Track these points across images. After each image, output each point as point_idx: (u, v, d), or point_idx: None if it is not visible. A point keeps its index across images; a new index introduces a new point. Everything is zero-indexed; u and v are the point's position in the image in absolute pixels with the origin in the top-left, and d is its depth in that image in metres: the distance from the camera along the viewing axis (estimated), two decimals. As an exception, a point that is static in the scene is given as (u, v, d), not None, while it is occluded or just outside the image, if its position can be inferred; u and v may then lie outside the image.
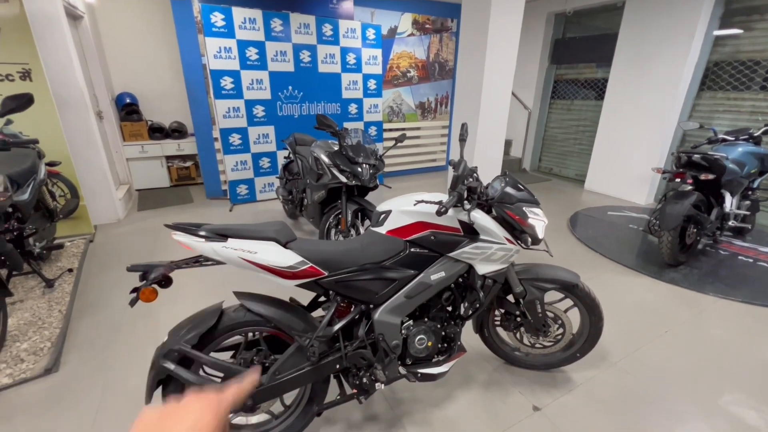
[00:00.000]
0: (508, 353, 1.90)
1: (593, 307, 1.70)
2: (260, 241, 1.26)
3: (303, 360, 1.36)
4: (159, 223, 3.82)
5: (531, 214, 1.50)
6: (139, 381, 1.79)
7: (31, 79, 2.98)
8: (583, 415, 1.66)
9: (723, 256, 3.24)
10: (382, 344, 1.42)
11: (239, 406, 0.73)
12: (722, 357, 2.04)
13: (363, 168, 2.68)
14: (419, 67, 5.74)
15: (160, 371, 1.23)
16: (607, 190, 5.13)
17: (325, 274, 1.32)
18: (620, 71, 4.75)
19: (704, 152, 2.80)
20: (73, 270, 2.81)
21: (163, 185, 5.12)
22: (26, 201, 2.40)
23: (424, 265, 1.45)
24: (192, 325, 1.27)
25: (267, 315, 1.31)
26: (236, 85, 4.07)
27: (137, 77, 4.88)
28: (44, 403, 1.67)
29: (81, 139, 3.47)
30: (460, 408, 1.68)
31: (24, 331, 2.13)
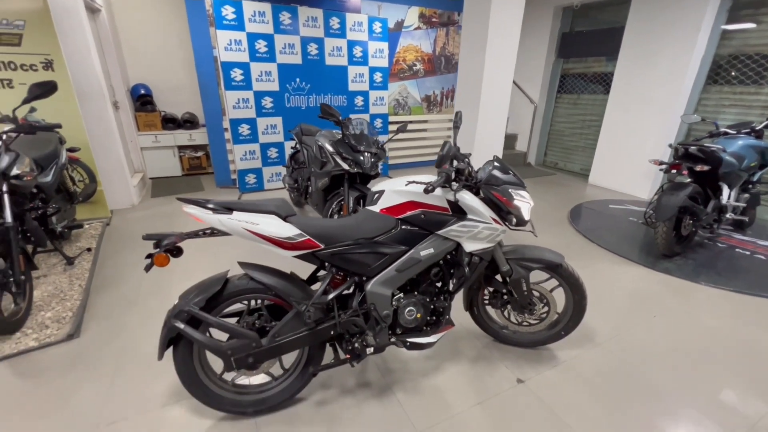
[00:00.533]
0: (497, 331, 2.00)
1: (577, 287, 1.79)
2: (262, 214, 1.39)
3: (300, 325, 1.48)
4: (171, 209, 3.99)
5: (517, 196, 1.59)
6: (152, 348, 1.94)
7: (53, 69, 3.15)
8: (564, 388, 1.76)
9: (720, 248, 3.27)
10: (373, 314, 1.53)
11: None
12: (707, 340, 2.10)
13: (365, 156, 2.79)
14: (425, 60, 5.80)
15: (171, 330, 1.36)
16: (610, 184, 5.15)
17: (322, 246, 1.44)
18: (626, 65, 4.75)
19: (700, 144, 2.83)
20: (92, 250, 2.98)
21: (175, 174, 5.30)
22: (49, 183, 2.57)
23: (414, 241, 1.56)
24: (200, 290, 1.40)
25: (268, 283, 1.44)
26: (246, 77, 4.20)
27: (152, 69, 5.06)
28: (67, 364, 1.83)
29: (99, 128, 3.65)
30: (447, 378, 1.79)
31: (48, 301, 2.30)
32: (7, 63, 3.01)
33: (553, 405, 1.66)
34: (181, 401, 1.62)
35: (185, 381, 1.46)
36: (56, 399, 1.63)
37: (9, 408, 1.59)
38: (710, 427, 1.57)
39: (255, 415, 1.56)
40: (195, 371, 1.47)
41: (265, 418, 1.56)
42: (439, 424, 1.55)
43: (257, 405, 1.54)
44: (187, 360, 1.44)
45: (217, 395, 1.50)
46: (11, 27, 2.96)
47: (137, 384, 1.72)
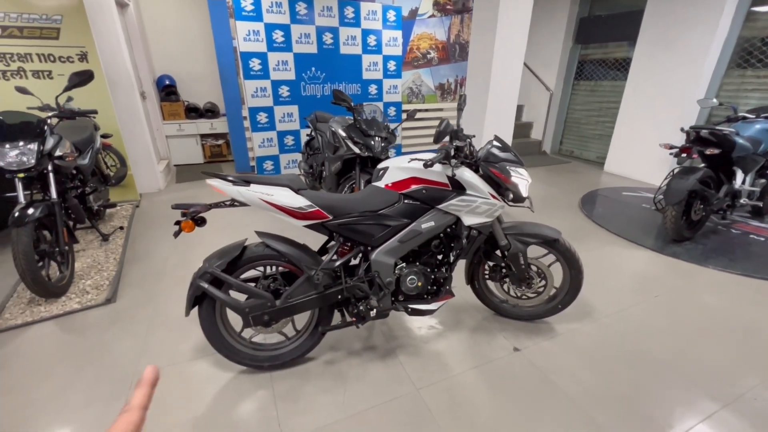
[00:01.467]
0: (497, 304, 2.10)
1: (573, 261, 1.87)
2: (276, 186, 1.53)
3: (311, 288, 1.63)
4: (195, 193, 4.23)
5: (514, 173, 1.69)
6: (179, 311, 2.14)
7: (88, 61, 3.39)
8: (559, 357, 1.85)
9: (734, 234, 3.24)
10: (377, 280, 1.67)
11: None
12: (708, 320, 2.14)
13: (375, 140, 2.91)
14: (439, 48, 5.82)
15: (196, 289, 1.54)
16: (626, 172, 5.09)
17: (330, 217, 1.58)
18: (645, 49, 4.65)
19: (712, 128, 2.81)
20: (124, 228, 3.24)
21: (198, 161, 5.56)
22: (86, 165, 2.81)
23: (416, 215, 1.68)
24: (221, 254, 1.57)
25: (282, 251, 1.59)
26: (263, 67, 4.36)
27: (175, 60, 5.29)
28: (106, 324, 2.06)
29: (128, 116, 3.90)
30: (447, 345, 1.92)
31: (87, 272, 2.55)
32: (47, 55, 3.26)
33: (547, 371, 1.76)
34: (206, 356, 1.81)
35: (209, 336, 1.64)
36: (98, 351, 1.85)
37: (59, 357, 1.82)
38: (698, 395, 1.64)
39: (270, 369, 1.73)
40: (217, 327, 1.64)
41: (279, 372, 1.73)
42: (437, 384, 1.68)
43: (272, 360, 1.71)
44: (210, 317, 1.62)
45: (236, 350, 1.68)
46: (50, 21, 3.20)
47: (167, 341, 1.93)
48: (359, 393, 1.63)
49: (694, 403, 1.60)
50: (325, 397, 1.61)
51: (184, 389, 1.65)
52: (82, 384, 1.66)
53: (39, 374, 1.72)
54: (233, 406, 1.57)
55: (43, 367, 1.76)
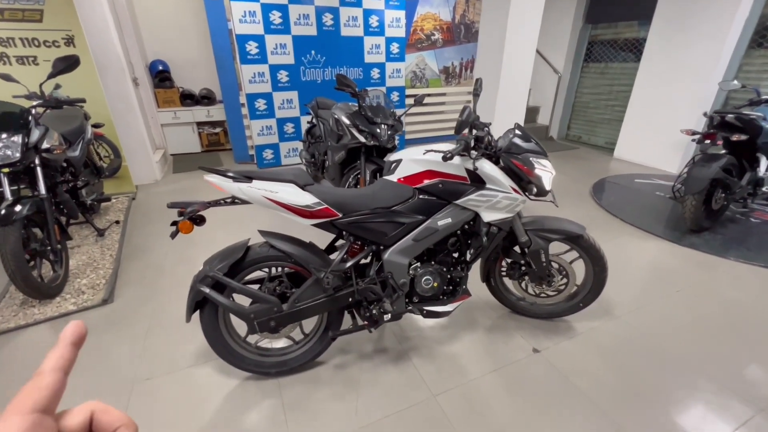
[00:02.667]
0: (514, 302, 2.00)
1: (597, 258, 1.76)
2: (281, 182, 1.40)
3: (319, 291, 1.52)
4: (193, 184, 4.09)
5: (538, 165, 1.55)
6: (180, 312, 2.04)
7: (74, 45, 3.19)
8: (580, 358, 1.76)
9: (753, 224, 3.12)
10: (390, 282, 1.56)
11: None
12: (731, 316, 2.05)
13: (381, 128, 2.75)
14: (444, 29, 5.58)
15: (197, 294, 1.43)
16: (637, 158, 4.94)
17: (340, 215, 1.45)
18: (660, 29, 4.43)
19: (738, 112, 2.65)
20: (120, 222, 3.11)
21: (195, 150, 5.39)
22: (77, 157, 2.66)
23: (431, 211, 1.55)
24: (223, 256, 1.45)
25: (288, 251, 1.47)
26: (261, 50, 4.16)
27: (168, 45, 5.06)
28: (104, 326, 1.96)
29: (120, 104, 3.72)
30: (463, 346, 1.82)
31: (82, 270, 2.44)
32: (30, 40, 3.07)
33: (569, 373, 1.67)
34: (209, 362, 1.72)
35: (212, 342, 1.54)
36: (95, 357, 1.76)
37: (54, 364, 1.72)
38: (729, 399, 1.55)
39: (277, 375, 1.64)
40: (221, 333, 1.54)
41: (287, 378, 1.64)
42: (455, 389, 1.59)
43: (279, 366, 1.62)
44: (213, 322, 1.51)
45: (242, 356, 1.58)
46: (32, 2, 2.99)
47: (168, 345, 1.83)
48: (373, 400, 1.54)
49: (726, 408, 1.51)
50: (337, 404, 1.52)
51: (187, 397, 1.56)
52: (79, 391, 1.57)
53: (33, 383, 1.62)
54: (240, 416, 1.48)
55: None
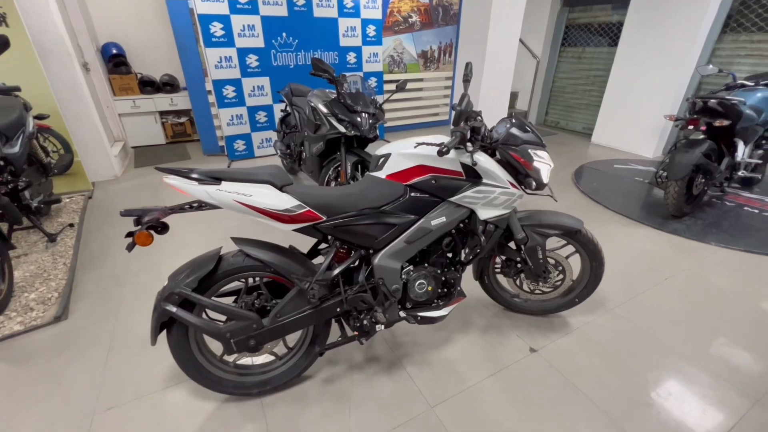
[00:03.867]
0: (508, 300, 1.92)
1: (595, 253, 1.69)
2: (255, 183, 1.22)
3: (304, 303, 1.37)
4: (157, 179, 3.77)
5: (536, 157, 1.44)
6: (145, 328, 1.84)
7: (7, 25, 2.79)
8: (578, 356, 1.71)
9: (728, 207, 3.19)
10: (382, 288, 1.42)
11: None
12: (719, 303, 2.06)
13: (362, 117, 2.58)
14: (422, 11, 5.36)
15: (162, 314, 1.24)
16: (614, 144, 4.99)
17: (323, 218, 1.29)
18: (637, 13, 4.42)
19: (721, 97, 2.65)
20: (74, 225, 2.81)
21: (159, 142, 5.00)
22: (17, 154, 2.33)
23: (424, 210, 1.42)
24: (190, 270, 1.26)
25: (266, 260, 1.30)
26: (227, 32, 3.83)
27: (122, 25, 4.60)
28: (57, 348, 1.73)
29: (68, 92, 3.33)
30: (458, 350, 1.73)
31: (31, 282, 2.16)
32: (-49, 17, 2.66)
33: (568, 373, 1.61)
34: (182, 383, 1.54)
35: (182, 365, 1.36)
36: (48, 384, 1.54)
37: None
38: (727, 390, 1.54)
39: (260, 395, 1.49)
40: (192, 354, 1.37)
41: (270, 397, 1.49)
42: (453, 398, 1.50)
43: (261, 386, 1.47)
44: (182, 343, 1.34)
45: (218, 377, 1.41)
46: (-50, -27, 2.57)
47: (133, 367, 1.63)
48: (366, 416, 1.42)
49: (725, 401, 1.50)
50: (328, 424, 1.40)
51: (158, 426, 1.38)
52: (30, 428, 1.36)
53: (-29, 422, 1.40)
54: (219, 445, 1.33)
55: (-24, 412, 1.44)
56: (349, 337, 1.51)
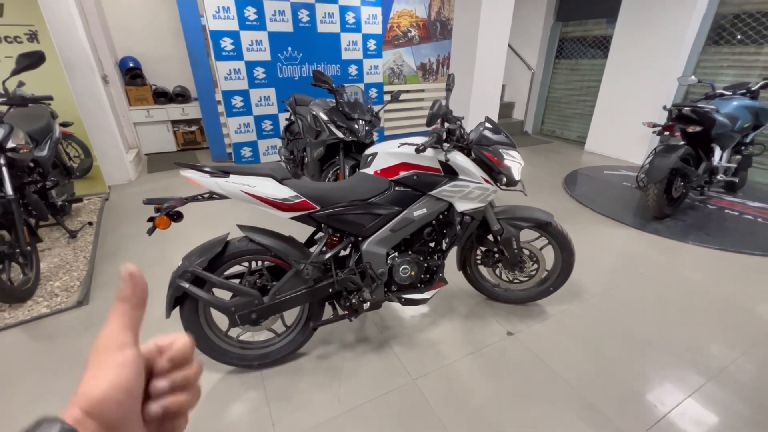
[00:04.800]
0: (489, 289, 2.09)
1: (565, 244, 1.86)
2: (258, 177, 1.42)
3: (300, 283, 1.55)
4: (169, 183, 4.01)
5: (507, 156, 1.63)
6: (159, 311, 2.01)
7: (38, 41, 3.08)
8: (552, 339, 1.86)
9: (710, 210, 3.34)
10: (369, 272, 1.60)
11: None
12: (690, 295, 2.20)
13: (359, 124, 2.79)
14: (420, 26, 5.64)
15: (176, 289, 1.44)
16: (606, 151, 5.16)
17: (318, 208, 1.49)
18: (625, 27, 4.64)
19: (694, 105, 2.83)
20: (93, 223, 3.03)
21: (171, 149, 5.27)
22: (45, 157, 2.58)
23: (407, 202, 1.61)
24: (202, 251, 1.46)
25: (268, 245, 1.49)
26: (236, 47, 4.11)
27: (139, 41, 4.92)
28: (80, 328, 1.92)
29: (90, 102, 3.60)
30: (441, 333, 1.89)
31: (55, 272, 2.37)
32: (-10, 35, 2.94)
33: (541, 353, 1.77)
34: (191, 358, 1.72)
35: (193, 337, 1.54)
36: (71, 359, 1.73)
37: (28, 367, 1.69)
38: (685, 369, 1.68)
39: (260, 368, 1.66)
40: (201, 328, 1.55)
41: (270, 370, 1.66)
42: (433, 372, 1.66)
43: (262, 359, 1.64)
44: (193, 317, 1.52)
45: (224, 349, 1.59)
46: (-9, -4, 2.86)
47: (146, 341, 1.81)
48: (354, 387, 1.59)
49: (683, 378, 1.64)
50: (320, 393, 1.56)
51: (170, 394, 1.56)
52: (56, 396, 1.55)
53: (7, 387, 1.59)
54: (224, 409, 1.50)
55: (11, 379, 1.63)
56: (340, 315, 1.68)
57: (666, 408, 1.50)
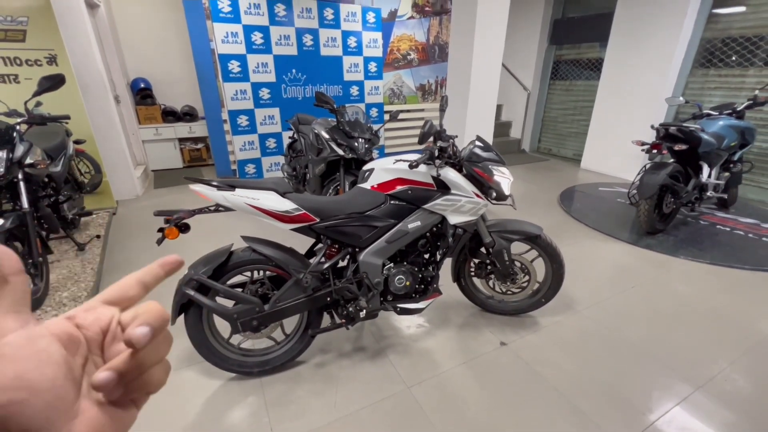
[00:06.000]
0: (483, 300, 2.15)
1: (555, 256, 1.93)
2: (262, 190, 1.52)
3: (299, 292, 1.63)
4: (174, 199, 4.13)
5: (497, 172, 1.73)
6: (164, 320, 2.09)
7: (57, 64, 3.26)
8: (544, 349, 1.91)
9: (702, 225, 3.41)
10: (366, 281, 1.68)
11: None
12: (680, 307, 2.25)
13: (359, 142, 2.92)
14: (419, 49, 5.88)
15: (182, 296, 1.51)
16: (601, 168, 5.27)
17: (317, 220, 1.58)
18: (615, 50, 4.84)
19: (679, 125, 2.95)
20: (101, 237, 3.13)
21: (177, 166, 5.43)
22: (59, 172, 2.70)
23: (402, 215, 1.70)
24: (207, 260, 1.55)
25: (269, 255, 1.58)
26: (243, 69, 4.30)
27: (150, 63, 5.15)
28: (86, 336, 1.99)
29: (102, 121, 3.77)
30: (436, 342, 1.95)
31: (63, 283, 2.45)
32: (12, 59, 3.12)
33: (533, 363, 1.81)
34: (192, 365, 1.78)
35: (196, 344, 1.61)
36: (79, 365, 1.79)
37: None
38: (674, 379, 1.72)
39: (260, 375, 1.72)
40: (204, 335, 1.62)
41: (269, 378, 1.72)
42: (428, 381, 1.71)
43: (261, 366, 1.70)
44: (197, 324, 1.59)
45: (225, 357, 1.66)
46: (15, 23, 3.06)
47: (151, 352, 1.88)
48: (351, 394, 1.64)
49: (671, 387, 1.68)
50: (317, 400, 1.61)
51: (171, 400, 1.61)
52: (63, 399, 1.60)
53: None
54: (223, 414, 1.55)
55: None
56: (337, 323, 1.75)
57: (654, 416, 1.54)
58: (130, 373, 0.24)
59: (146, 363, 0.25)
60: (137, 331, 0.23)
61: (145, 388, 0.26)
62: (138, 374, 0.25)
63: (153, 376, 0.26)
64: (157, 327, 0.24)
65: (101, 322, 0.26)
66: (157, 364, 0.26)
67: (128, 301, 0.28)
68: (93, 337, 0.26)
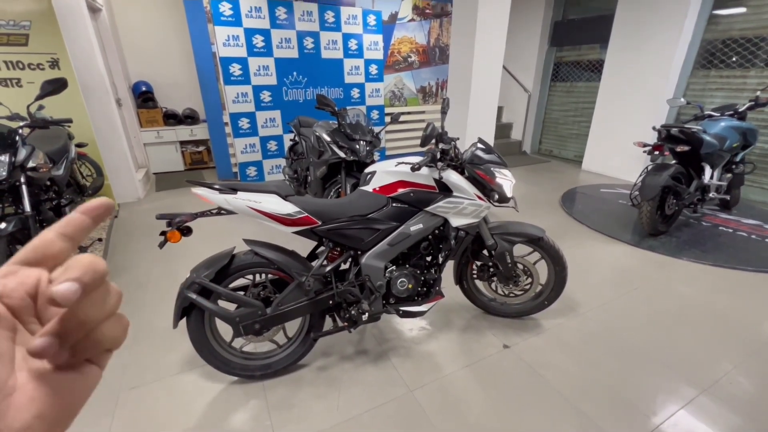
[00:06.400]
0: (486, 303, 2.14)
1: (557, 258, 1.93)
2: (264, 193, 1.52)
3: (301, 295, 1.63)
4: (176, 202, 4.14)
5: (499, 174, 1.73)
6: (165, 323, 2.09)
7: (59, 68, 3.27)
8: (547, 352, 1.90)
9: (704, 227, 3.40)
10: (368, 284, 1.68)
11: None
12: (683, 309, 2.24)
13: (360, 144, 2.92)
14: (420, 51, 5.89)
15: (184, 300, 1.51)
16: (603, 170, 5.26)
17: (319, 223, 1.58)
18: (616, 52, 4.84)
19: (681, 126, 2.95)
20: (102, 240, 3.13)
21: (178, 169, 5.44)
22: (61, 176, 2.70)
23: (404, 218, 1.70)
24: (209, 264, 1.55)
25: (271, 258, 1.58)
26: (244, 72, 4.32)
27: (152, 66, 5.17)
28: (88, 340, 1.99)
29: (104, 124, 3.78)
30: (438, 345, 1.94)
31: (65, 286, 2.45)
32: (15, 62, 3.14)
33: (536, 365, 1.81)
34: (195, 369, 1.78)
35: (198, 347, 1.61)
36: (81, 369, 1.79)
37: (38, 377, 1.74)
38: (678, 382, 1.71)
39: (262, 378, 1.71)
40: (207, 338, 1.62)
41: (271, 381, 1.71)
42: (430, 384, 1.70)
43: (264, 369, 1.69)
44: (199, 328, 1.59)
45: (227, 360, 1.65)
46: (18, 27, 3.08)
47: (154, 355, 1.88)
48: (353, 397, 1.63)
49: (675, 390, 1.67)
50: (319, 403, 1.61)
51: (174, 403, 1.61)
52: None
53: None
54: (225, 418, 1.55)
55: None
56: (339, 326, 1.74)
57: (659, 419, 1.53)
58: (72, 334, 0.22)
59: (90, 320, 0.23)
60: (61, 288, 0.20)
61: (99, 346, 0.24)
62: (83, 333, 0.23)
63: (105, 333, 0.24)
64: (88, 281, 0.21)
65: (26, 286, 0.23)
66: (108, 320, 0.24)
67: (53, 259, 0.24)
68: (20, 304, 0.23)
